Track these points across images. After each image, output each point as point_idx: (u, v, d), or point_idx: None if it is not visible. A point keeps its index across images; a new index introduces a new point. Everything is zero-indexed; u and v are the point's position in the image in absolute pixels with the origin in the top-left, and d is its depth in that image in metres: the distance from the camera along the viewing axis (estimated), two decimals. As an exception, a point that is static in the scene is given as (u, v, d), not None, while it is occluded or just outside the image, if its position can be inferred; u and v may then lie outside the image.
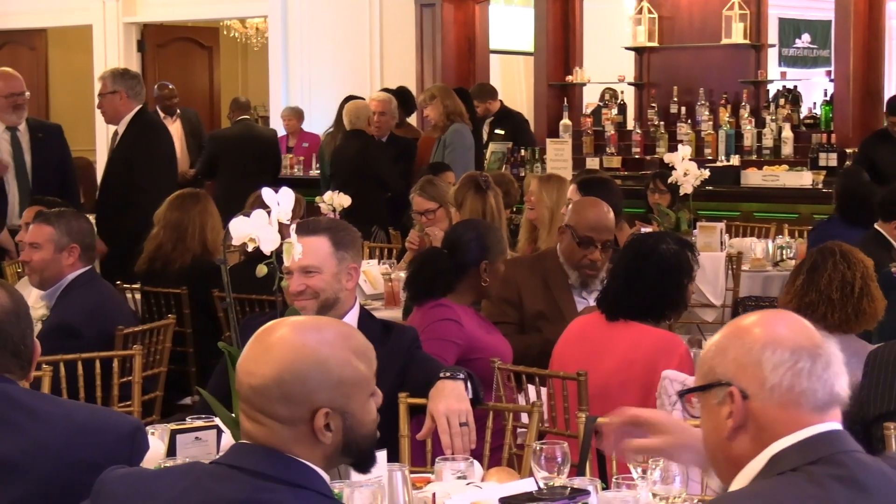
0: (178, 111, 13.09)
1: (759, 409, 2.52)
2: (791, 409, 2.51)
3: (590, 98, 13.81)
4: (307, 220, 4.58)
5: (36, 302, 6.03)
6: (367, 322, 4.43)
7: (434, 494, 3.48)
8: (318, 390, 2.57)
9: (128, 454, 3.12)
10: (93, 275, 5.97)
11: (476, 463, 3.78)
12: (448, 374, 4.13)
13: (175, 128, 12.80)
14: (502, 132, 12.07)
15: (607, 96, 13.64)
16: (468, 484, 3.58)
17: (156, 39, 15.80)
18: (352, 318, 4.41)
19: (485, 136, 11.96)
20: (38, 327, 5.83)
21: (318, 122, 13.48)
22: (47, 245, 5.84)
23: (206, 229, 7.17)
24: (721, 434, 2.56)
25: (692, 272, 5.01)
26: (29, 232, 5.98)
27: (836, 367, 2.55)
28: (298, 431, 2.58)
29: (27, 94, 8.69)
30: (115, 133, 8.93)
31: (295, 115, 13.90)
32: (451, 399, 4.03)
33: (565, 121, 12.74)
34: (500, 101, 12.45)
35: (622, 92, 13.45)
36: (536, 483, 3.42)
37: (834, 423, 2.53)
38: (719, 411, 2.56)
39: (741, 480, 2.52)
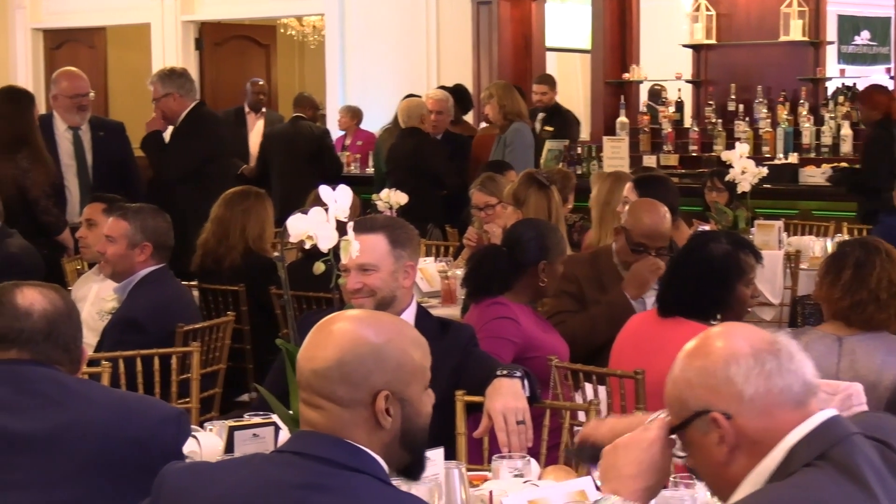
0: (265, 109, 13.16)
1: (747, 423, 2.52)
2: (776, 411, 2.51)
3: (646, 96, 13.77)
4: (364, 217, 4.59)
5: (108, 294, 6.09)
6: (424, 320, 4.43)
7: (491, 492, 3.48)
8: (377, 372, 2.62)
9: (173, 435, 3.24)
10: (165, 273, 6.01)
11: (533, 461, 3.78)
12: (505, 371, 4.13)
13: (259, 125, 12.87)
14: (551, 129, 12.04)
15: (663, 94, 13.59)
16: (525, 482, 3.58)
17: (213, 38, 15.87)
18: (409, 316, 4.41)
19: (538, 127, 11.94)
20: (106, 319, 5.88)
21: (375, 120, 13.50)
22: (121, 240, 5.90)
23: (248, 227, 7.21)
24: (717, 461, 2.56)
25: (744, 274, 4.93)
26: (107, 224, 6.04)
27: (799, 356, 2.58)
28: (358, 415, 2.61)
29: (92, 94, 8.74)
30: (173, 128, 9.01)
31: (351, 114, 13.92)
32: (508, 397, 4.02)
33: (622, 118, 12.70)
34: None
35: (679, 90, 13.39)
36: (594, 482, 3.41)
37: (825, 413, 2.54)
38: (707, 441, 2.56)
39: (752, 482, 2.52)
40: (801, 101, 12.15)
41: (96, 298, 6.28)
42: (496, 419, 3.99)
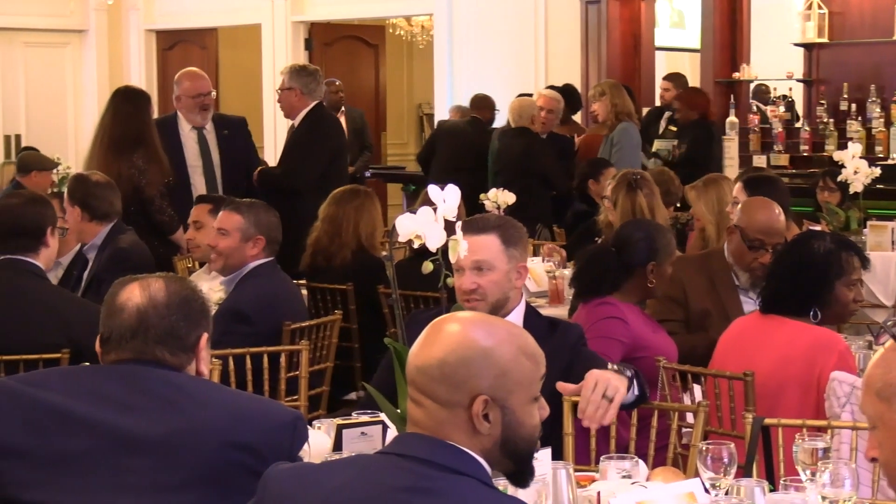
0: (344, 108, 13.22)
1: None
2: None
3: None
4: (475, 217, 4.58)
5: (215, 285, 6.16)
6: (533, 319, 4.43)
7: (599, 493, 3.47)
8: (479, 377, 2.61)
9: (289, 441, 3.18)
10: (272, 266, 6.07)
11: (641, 462, 3.76)
12: (615, 368, 4.10)
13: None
14: (675, 129, 11.94)
15: (769, 93, 13.45)
16: (633, 483, 3.56)
17: (323, 38, 15.97)
18: (517, 315, 4.41)
19: (662, 126, 11.87)
20: (214, 309, 5.94)
21: (483, 120, 13.50)
22: (234, 233, 5.98)
23: (361, 225, 7.24)
24: None
25: (844, 273, 4.86)
26: (218, 218, 6.11)
27: None
28: (457, 417, 2.61)
29: (213, 93, 8.82)
30: (291, 127, 9.08)
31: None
32: (610, 373, 3.95)
33: (731, 118, 12.57)
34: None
35: (791, 89, 13.24)
36: (703, 484, 3.39)
37: None
38: None
39: None
40: (916, 101, 11.97)
41: (208, 293, 6.34)
42: (587, 382, 3.88)
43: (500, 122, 12.61)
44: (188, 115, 8.67)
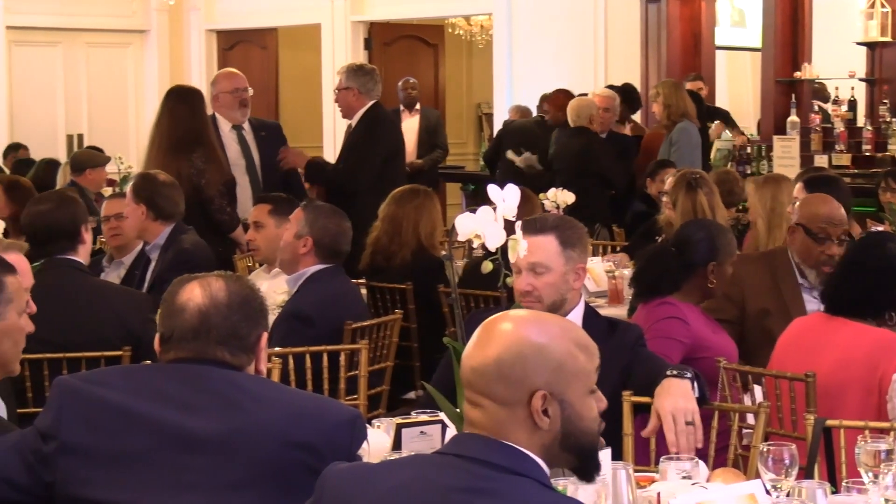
0: (418, 106, 13.25)
1: None
2: None
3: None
4: (534, 217, 4.57)
5: (279, 287, 6.18)
6: (592, 320, 4.42)
7: (659, 494, 3.45)
8: (535, 372, 2.61)
9: (347, 440, 3.17)
10: (336, 271, 6.08)
11: (701, 463, 3.74)
12: (675, 372, 4.09)
13: (412, 122, 12.97)
14: (710, 125, 11.90)
15: (827, 92, 13.36)
16: (693, 484, 3.55)
17: (382, 38, 16.00)
18: (576, 315, 4.40)
19: None
20: (276, 312, 5.97)
21: (543, 120, 13.49)
22: (292, 228, 6.02)
23: (420, 225, 7.25)
24: None
25: None
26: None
27: None
28: (516, 415, 2.61)
29: (250, 90, 8.85)
30: (349, 127, 9.11)
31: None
32: (677, 397, 3.98)
33: (793, 117, 12.49)
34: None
35: (853, 88, 13.14)
36: (763, 485, 3.37)
37: None
38: None
39: None
40: (980, 100, 11.86)
41: (268, 292, 6.37)
42: (665, 419, 3.95)
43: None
44: (228, 113, 8.69)
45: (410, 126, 12.95)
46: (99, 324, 5.33)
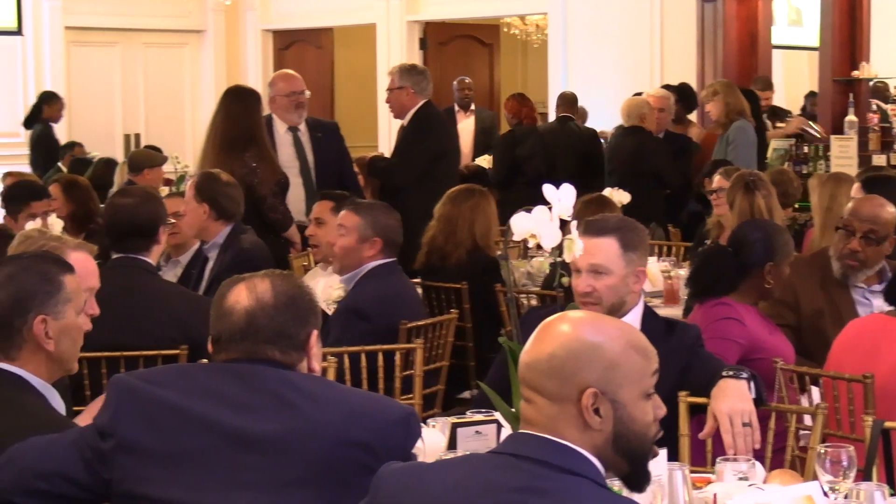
0: (474, 107, 13.26)
1: None
2: None
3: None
4: (596, 218, 4.55)
5: (334, 283, 6.19)
6: (650, 320, 4.40)
7: (715, 495, 3.44)
8: (587, 369, 2.61)
9: (402, 438, 3.17)
10: (393, 267, 6.09)
11: (758, 464, 3.73)
12: (731, 373, 4.07)
13: (467, 122, 12.98)
14: (781, 124, 11.83)
15: (888, 91, 13.26)
16: (750, 485, 3.53)
17: (437, 37, 16.01)
18: (635, 315, 4.39)
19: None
20: (332, 308, 5.98)
21: (598, 119, 13.45)
22: (352, 233, 6.01)
23: (476, 224, 7.25)
24: None
25: None
26: (340, 215, 6.14)
27: None
28: (567, 412, 2.61)
29: (307, 93, 8.88)
30: (402, 126, 9.12)
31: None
32: (734, 398, 3.97)
33: (850, 117, 12.40)
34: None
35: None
36: (821, 487, 3.35)
37: None
38: None
39: None
40: None
41: (324, 290, 6.39)
42: (722, 421, 3.93)
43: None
44: (284, 115, 8.72)
45: (466, 127, 12.96)
46: (160, 327, 5.36)
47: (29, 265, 3.61)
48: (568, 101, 12.35)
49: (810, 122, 12.36)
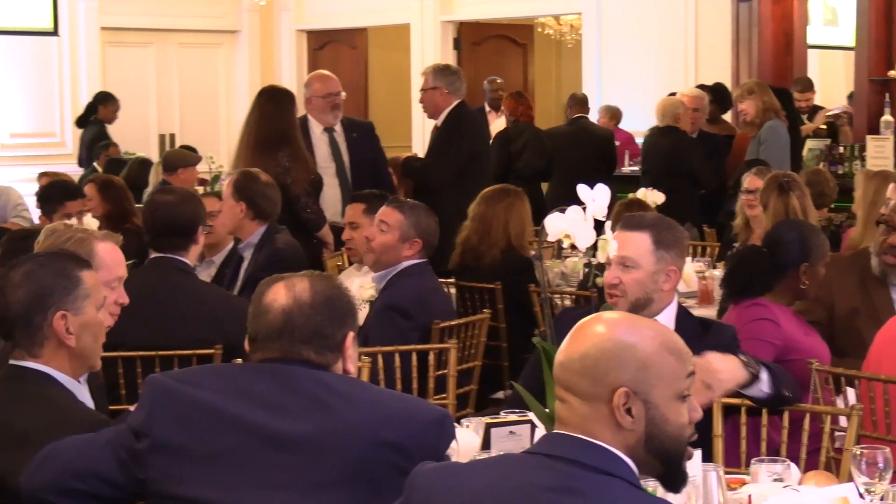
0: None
1: None
2: None
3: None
4: (634, 213, 4.56)
5: (366, 282, 6.19)
6: (685, 320, 4.39)
7: (750, 496, 3.43)
8: (619, 368, 2.61)
9: (436, 440, 3.17)
10: (426, 266, 6.08)
11: (793, 465, 3.72)
12: (743, 359, 4.05)
13: (498, 122, 12.97)
14: (822, 126, 11.80)
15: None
16: (785, 487, 3.52)
17: (471, 37, 16.01)
18: (668, 315, 4.37)
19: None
20: (364, 308, 5.99)
21: (633, 120, 13.43)
22: (394, 230, 5.99)
23: (511, 224, 7.25)
24: None
25: None
26: (381, 211, 6.13)
27: None
28: (599, 411, 2.61)
29: (343, 94, 8.89)
30: (435, 126, 9.13)
31: (610, 114, 13.87)
32: (717, 358, 3.95)
33: (887, 117, 12.34)
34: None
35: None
36: (857, 489, 3.34)
37: None
38: None
39: None
40: None
41: (357, 290, 6.39)
42: (704, 358, 3.93)
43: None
44: (319, 116, 8.74)
45: (496, 127, 12.95)
46: (195, 327, 5.37)
47: (46, 262, 3.64)
48: (580, 102, 12.46)
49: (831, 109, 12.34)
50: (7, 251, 5.37)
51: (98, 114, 14.23)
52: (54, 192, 7.80)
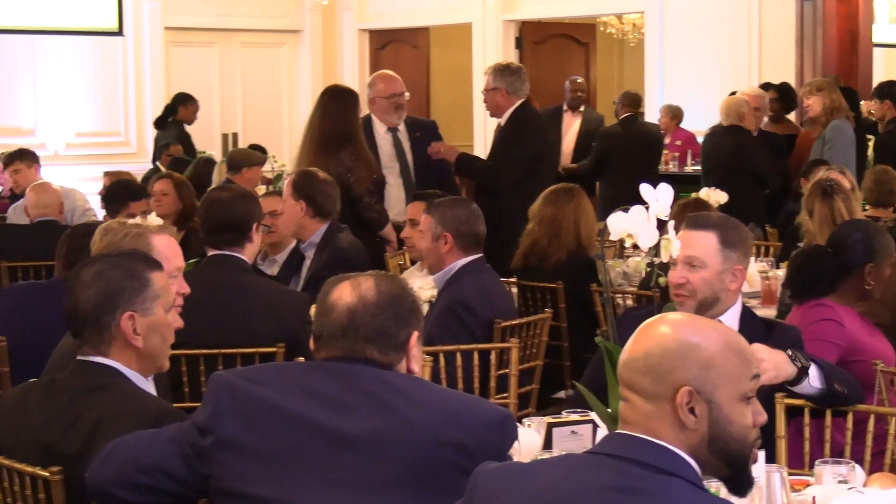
0: (583, 107, 13.23)
1: None
2: None
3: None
4: (700, 213, 4.56)
5: (426, 283, 6.21)
6: (749, 320, 4.38)
7: (814, 498, 3.42)
8: (683, 367, 2.60)
9: (498, 440, 3.17)
10: (483, 263, 6.08)
11: (858, 467, 3.69)
12: (790, 353, 4.03)
13: (574, 124, 12.94)
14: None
15: None
16: (850, 488, 3.50)
17: (533, 36, 16.00)
18: (732, 316, 4.36)
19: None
20: (425, 308, 5.99)
21: (695, 119, 13.37)
22: (427, 234, 6.02)
23: (581, 224, 7.22)
24: None
25: None
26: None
27: None
28: (662, 410, 2.60)
29: (407, 94, 8.90)
30: (498, 126, 9.12)
31: (671, 114, 13.81)
32: (764, 350, 3.93)
33: (951, 116, 12.24)
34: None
35: None
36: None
37: None
38: None
39: None
40: None
41: (418, 290, 6.41)
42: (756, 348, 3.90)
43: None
44: (383, 117, 8.76)
45: (573, 128, 12.93)
46: (257, 324, 5.39)
47: (117, 263, 3.66)
48: (631, 100, 12.47)
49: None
50: (72, 248, 5.43)
51: (177, 115, 14.30)
52: (119, 193, 7.88)
